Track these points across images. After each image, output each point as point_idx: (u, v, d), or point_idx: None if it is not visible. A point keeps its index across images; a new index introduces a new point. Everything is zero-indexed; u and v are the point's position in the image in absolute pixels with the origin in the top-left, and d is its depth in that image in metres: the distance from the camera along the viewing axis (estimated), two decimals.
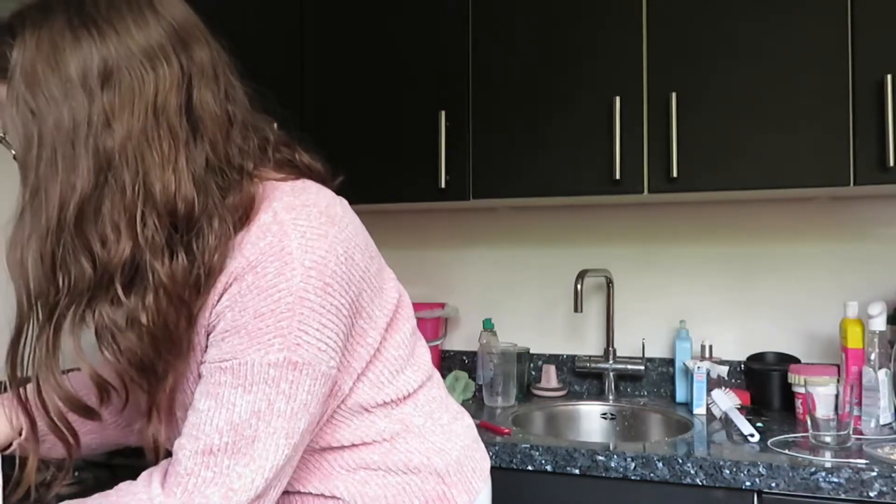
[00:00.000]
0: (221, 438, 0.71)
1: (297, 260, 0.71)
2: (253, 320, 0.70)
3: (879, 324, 1.58)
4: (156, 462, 0.77)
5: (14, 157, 0.75)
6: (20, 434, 0.92)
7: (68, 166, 0.67)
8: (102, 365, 0.73)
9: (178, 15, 0.75)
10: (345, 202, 0.84)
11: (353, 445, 0.84)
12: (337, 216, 0.78)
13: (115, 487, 0.74)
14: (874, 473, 1.29)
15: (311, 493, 0.84)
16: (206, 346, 0.75)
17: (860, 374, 1.58)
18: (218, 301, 0.73)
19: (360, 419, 0.84)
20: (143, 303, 0.69)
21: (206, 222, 0.72)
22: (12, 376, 0.70)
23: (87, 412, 0.74)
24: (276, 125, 0.87)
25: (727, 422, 1.66)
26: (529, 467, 1.48)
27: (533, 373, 2.12)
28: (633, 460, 1.41)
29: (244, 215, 0.74)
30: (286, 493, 0.85)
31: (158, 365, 0.73)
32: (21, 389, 0.72)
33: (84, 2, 0.71)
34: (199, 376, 0.76)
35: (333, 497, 0.83)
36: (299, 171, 0.85)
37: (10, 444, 0.92)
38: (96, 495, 0.74)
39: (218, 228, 0.72)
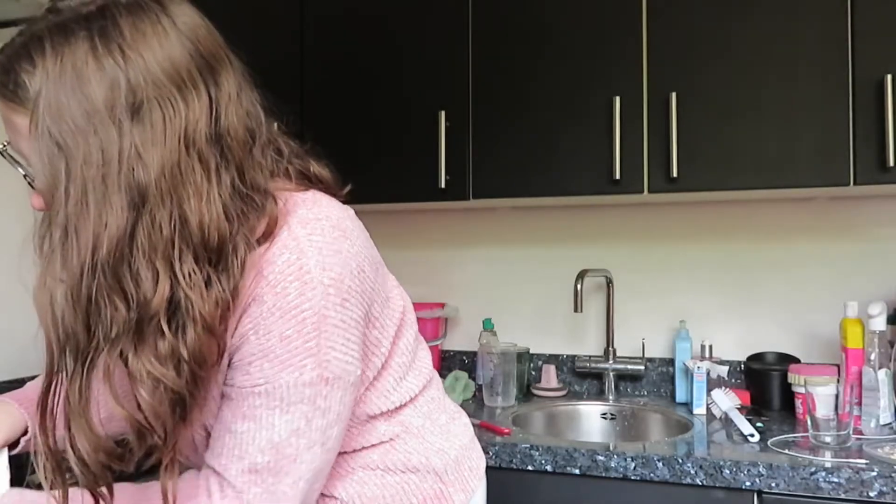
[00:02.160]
0: (264, 457, 0.72)
1: (316, 279, 0.72)
2: (280, 343, 0.71)
3: (879, 324, 1.58)
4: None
5: (25, 177, 0.73)
6: (26, 433, 0.92)
7: (100, 203, 0.64)
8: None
9: (201, 36, 0.72)
10: (352, 212, 0.84)
11: (354, 451, 0.85)
12: (348, 230, 0.78)
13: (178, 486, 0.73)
14: (874, 473, 1.29)
15: None
16: (228, 365, 0.75)
17: (860, 374, 1.58)
18: (238, 322, 0.72)
19: (362, 427, 0.85)
20: (184, 339, 0.66)
21: (232, 248, 0.70)
22: (42, 427, 0.67)
23: (119, 459, 0.69)
24: (284, 135, 0.86)
25: (727, 422, 1.66)
26: (529, 467, 1.48)
27: (533, 373, 2.12)
28: (633, 460, 1.41)
29: (266, 234, 0.73)
30: None
31: (197, 398, 0.71)
32: (52, 441, 0.68)
33: (106, 23, 0.67)
34: (222, 395, 0.76)
35: (332, 497, 0.84)
36: (310, 182, 0.85)
37: (18, 442, 0.92)
38: (152, 487, 0.75)
39: (242, 254, 0.70)
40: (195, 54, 0.70)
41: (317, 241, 0.74)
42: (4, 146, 0.73)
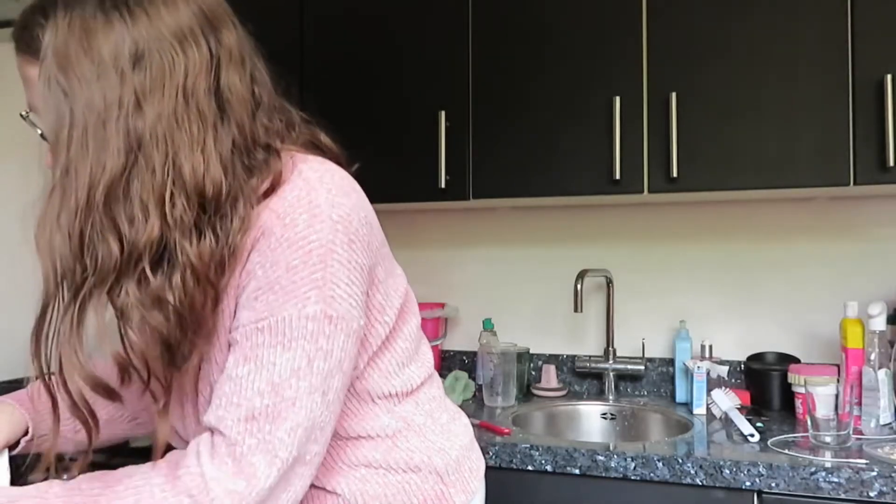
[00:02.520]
0: (262, 401, 0.71)
1: (325, 213, 0.73)
2: (286, 274, 0.71)
3: (879, 324, 1.58)
4: (161, 452, 0.77)
5: (41, 136, 0.77)
6: (26, 433, 0.93)
7: (99, 146, 0.68)
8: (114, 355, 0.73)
9: None
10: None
11: (358, 437, 0.84)
12: (357, 187, 0.82)
13: (165, 458, 0.74)
14: (874, 473, 1.29)
15: (312, 485, 0.84)
16: (235, 311, 0.75)
17: (860, 374, 1.58)
18: (248, 259, 0.73)
19: (365, 409, 0.84)
20: (169, 282, 0.70)
21: (231, 203, 0.73)
22: (36, 353, 0.71)
23: (108, 393, 0.74)
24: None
25: (727, 422, 1.66)
26: (529, 467, 1.48)
27: (533, 373, 2.12)
28: (633, 460, 1.41)
29: (271, 189, 0.75)
30: None
31: (184, 345, 0.73)
32: (45, 367, 0.72)
33: None
34: (228, 346, 0.76)
35: (334, 493, 0.84)
36: (322, 152, 0.88)
37: (19, 443, 0.92)
38: (148, 463, 0.74)
39: (242, 209, 0.73)
40: (198, 13, 0.75)
41: (327, 182, 0.76)
42: (25, 114, 0.78)
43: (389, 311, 0.84)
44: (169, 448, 0.78)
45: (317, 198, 0.73)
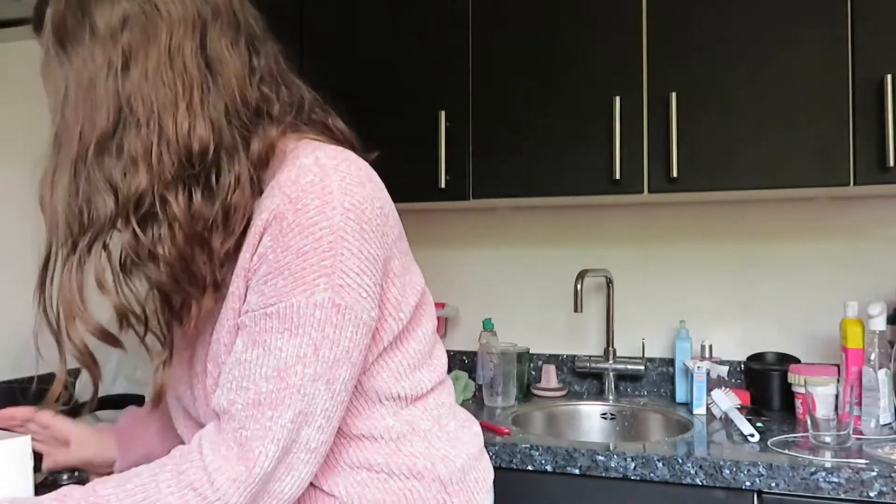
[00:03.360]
0: (268, 385, 0.72)
1: (337, 200, 0.73)
2: (296, 259, 0.71)
3: (879, 324, 1.58)
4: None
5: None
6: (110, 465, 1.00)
7: (90, 106, 0.73)
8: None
9: None
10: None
11: (361, 437, 0.83)
12: (376, 178, 0.82)
13: (170, 454, 0.76)
14: (874, 473, 1.29)
15: (310, 484, 0.84)
16: (246, 294, 0.76)
17: (860, 374, 1.58)
18: (259, 241, 0.74)
19: (370, 408, 0.83)
20: (158, 236, 0.73)
21: (224, 162, 0.75)
22: (41, 302, 0.75)
23: (108, 338, 0.77)
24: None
25: (727, 422, 1.66)
26: (529, 467, 1.48)
27: (533, 373, 2.12)
28: (633, 460, 1.41)
29: (264, 157, 0.78)
30: None
31: (177, 296, 0.75)
32: (51, 318, 0.76)
33: None
34: (237, 327, 0.77)
35: (332, 495, 0.83)
36: (334, 138, 0.89)
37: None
38: (156, 462, 0.75)
39: (237, 168, 0.75)
40: None
41: (342, 170, 0.76)
42: None
43: (405, 308, 0.83)
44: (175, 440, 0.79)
45: (330, 184, 0.73)
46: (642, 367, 1.96)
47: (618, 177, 1.71)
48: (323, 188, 0.73)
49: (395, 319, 0.82)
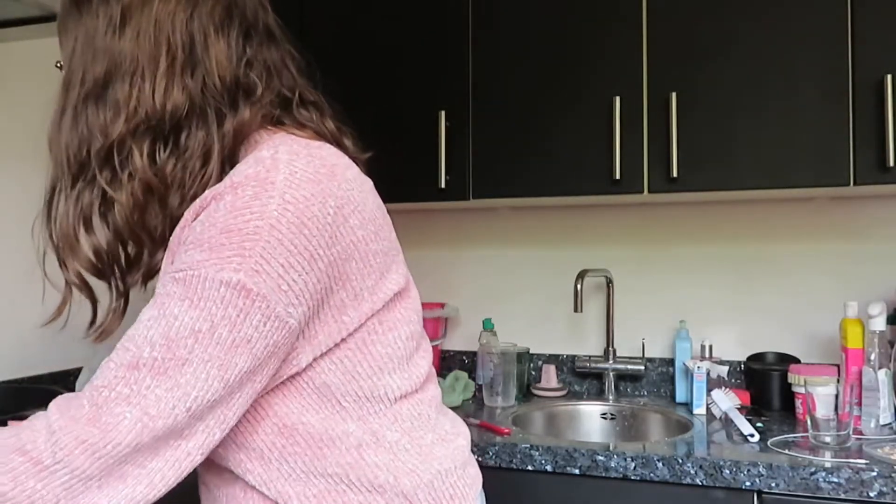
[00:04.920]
0: (151, 352, 0.67)
1: (277, 190, 0.71)
2: (218, 235, 0.69)
3: (879, 324, 1.58)
4: None
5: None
6: None
7: (91, 57, 0.82)
8: None
9: None
10: (368, 182, 0.84)
11: (318, 438, 0.78)
12: (343, 177, 0.76)
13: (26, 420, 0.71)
14: (874, 473, 1.29)
15: (261, 492, 0.79)
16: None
17: (860, 374, 1.58)
18: (195, 218, 0.74)
19: (326, 406, 0.77)
20: (120, 180, 0.80)
21: (193, 128, 0.81)
22: (48, 234, 0.84)
23: (99, 273, 0.84)
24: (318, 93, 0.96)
25: (727, 422, 1.66)
26: (529, 467, 1.48)
27: (533, 373, 2.12)
28: (633, 460, 1.41)
29: (234, 135, 0.82)
30: (232, 481, 0.81)
31: (133, 245, 0.83)
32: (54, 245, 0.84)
33: None
34: None
35: None
36: (322, 138, 0.88)
37: None
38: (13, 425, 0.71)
39: (205, 138, 0.81)
40: None
41: (296, 165, 0.73)
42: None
43: (352, 314, 0.76)
44: None
45: (275, 176, 0.71)
46: (642, 367, 1.96)
47: (618, 177, 1.71)
48: (266, 178, 0.71)
49: (337, 323, 0.76)
